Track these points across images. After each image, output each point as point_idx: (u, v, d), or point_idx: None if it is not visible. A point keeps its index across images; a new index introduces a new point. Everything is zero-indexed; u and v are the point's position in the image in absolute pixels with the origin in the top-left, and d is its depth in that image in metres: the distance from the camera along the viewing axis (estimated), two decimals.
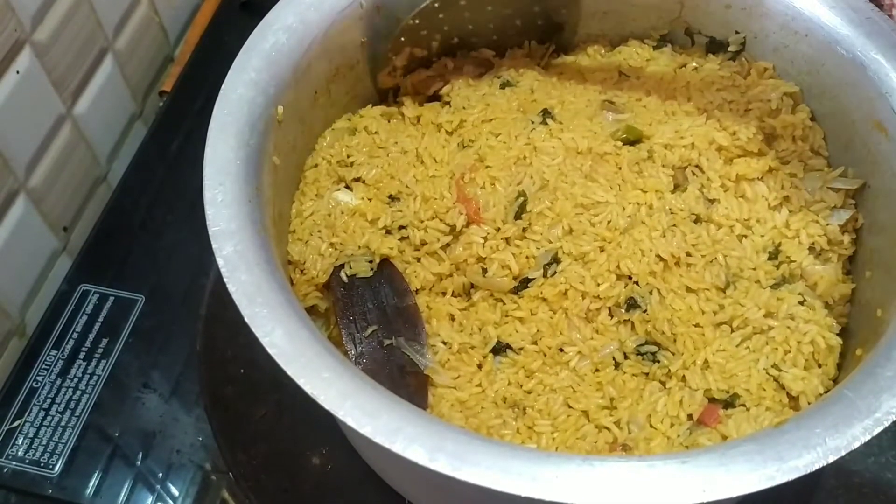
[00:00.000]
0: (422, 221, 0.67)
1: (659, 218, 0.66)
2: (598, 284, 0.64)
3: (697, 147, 0.69)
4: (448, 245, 0.67)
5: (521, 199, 0.67)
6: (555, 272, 0.65)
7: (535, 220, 0.67)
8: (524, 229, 0.67)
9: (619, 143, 0.70)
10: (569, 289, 0.65)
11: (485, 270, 0.66)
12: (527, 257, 0.66)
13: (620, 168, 0.69)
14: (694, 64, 0.77)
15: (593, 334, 0.64)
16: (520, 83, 0.77)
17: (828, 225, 0.67)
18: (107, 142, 1.02)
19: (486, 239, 0.66)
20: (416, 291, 0.67)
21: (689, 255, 0.66)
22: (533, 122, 0.72)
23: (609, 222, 0.66)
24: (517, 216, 0.67)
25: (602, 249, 0.66)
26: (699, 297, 0.64)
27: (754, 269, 0.65)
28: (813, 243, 0.67)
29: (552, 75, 0.78)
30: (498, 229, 0.67)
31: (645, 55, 0.78)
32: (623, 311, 0.64)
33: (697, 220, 0.67)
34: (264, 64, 0.66)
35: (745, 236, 0.67)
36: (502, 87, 0.77)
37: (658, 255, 0.65)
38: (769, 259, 0.66)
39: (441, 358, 0.64)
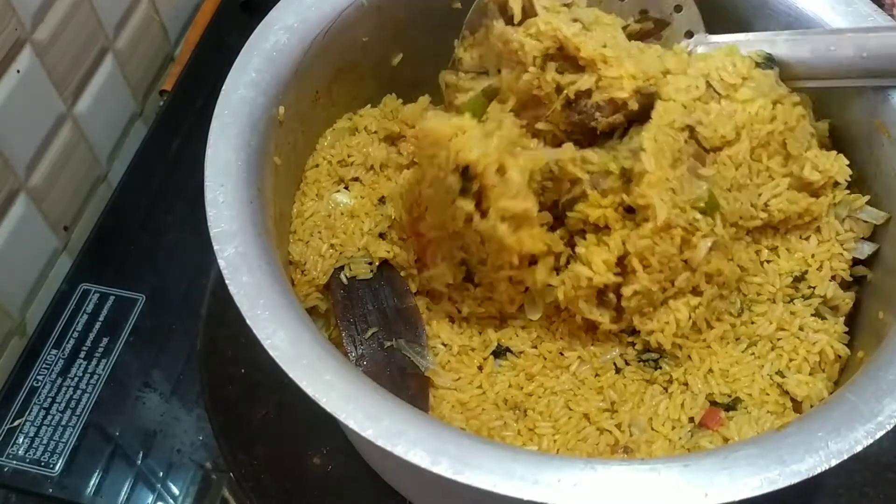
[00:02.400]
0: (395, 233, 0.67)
1: None
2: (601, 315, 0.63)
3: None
4: None
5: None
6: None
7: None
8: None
9: (698, 216, 0.59)
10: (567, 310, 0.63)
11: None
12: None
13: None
14: (796, 97, 0.65)
15: (594, 341, 0.64)
16: None
17: (852, 259, 0.65)
18: (107, 141, 1.02)
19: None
20: (416, 293, 0.67)
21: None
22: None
23: None
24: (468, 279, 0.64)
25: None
26: (709, 317, 0.63)
27: (774, 292, 0.64)
28: (835, 275, 0.65)
29: None
30: (449, 284, 0.64)
31: (743, 71, 0.64)
32: (626, 334, 0.64)
33: None
34: (265, 64, 0.65)
35: (770, 261, 0.65)
36: None
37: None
38: (793, 282, 0.65)
39: (441, 360, 0.64)
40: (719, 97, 0.63)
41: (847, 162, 0.66)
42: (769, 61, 0.65)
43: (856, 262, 0.67)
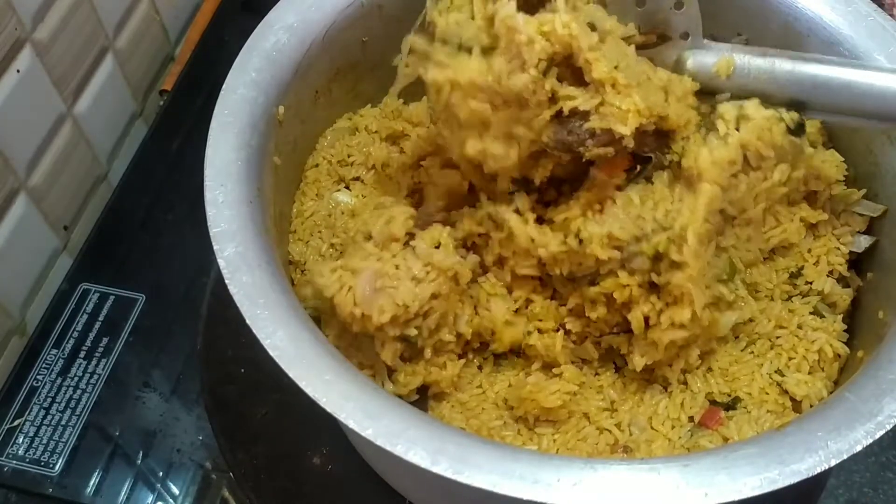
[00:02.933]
0: None
1: None
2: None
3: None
4: None
5: None
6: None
7: None
8: None
9: (722, 288, 0.60)
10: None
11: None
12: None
13: None
14: (811, 154, 0.64)
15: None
16: None
17: (849, 252, 0.66)
18: (107, 141, 1.02)
19: None
20: None
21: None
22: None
23: None
24: None
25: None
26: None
27: (772, 288, 0.65)
28: (832, 270, 0.65)
29: None
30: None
31: (777, 139, 0.59)
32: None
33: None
34: (265, 64, 0.65)
35: (768, 258, 0.65)
36: None
37: None
38: (790, 278, 0.65)
39: None
40: (750, 169, 0.60)
41: (841, 159, 0.67)
42: (800, 127, 0.61)
43: (855, 258, 0.67)
